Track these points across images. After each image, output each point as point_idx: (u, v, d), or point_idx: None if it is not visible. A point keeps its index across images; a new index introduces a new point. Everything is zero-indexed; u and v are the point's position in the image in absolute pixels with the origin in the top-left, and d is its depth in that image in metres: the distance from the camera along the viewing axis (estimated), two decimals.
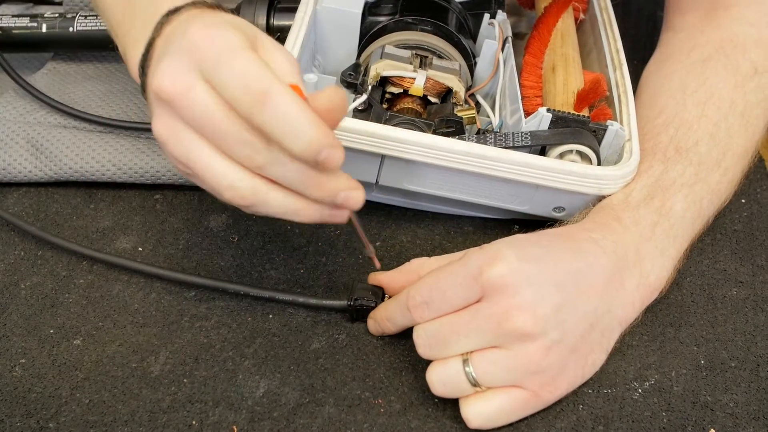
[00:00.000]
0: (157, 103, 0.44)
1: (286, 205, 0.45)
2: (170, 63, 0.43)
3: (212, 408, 0.50)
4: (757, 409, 0.52)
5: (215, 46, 0.42)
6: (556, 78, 0.62)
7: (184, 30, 0.44)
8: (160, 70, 0.43)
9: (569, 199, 0.58)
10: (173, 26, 0.47)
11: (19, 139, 0.66)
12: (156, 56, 0.47)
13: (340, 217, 0.47)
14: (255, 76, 0.41)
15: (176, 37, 0.45)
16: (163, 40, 0.47)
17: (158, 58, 0.46)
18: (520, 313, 0.46)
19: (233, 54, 0.42)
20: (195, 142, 0.44)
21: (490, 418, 0.48)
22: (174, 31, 0.47)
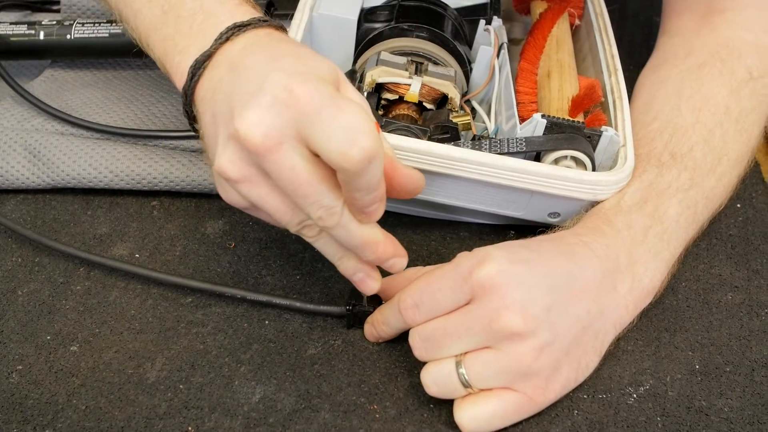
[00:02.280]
0: (235, 145, 0.44)
1: (333, 254, 0.50)
2: (263, 114, 0.42)
3: (208, 414, 0.51)
4: (752, 414, 0.52)
5: (315, 102, 0.41)
6: (551, 84, 0.62)
7: (269, 68, 0.43)
8: (250, 119, 0.42)
9: (564, 205, 0.58)
10: (240, 47, 0.47)
11: (16, 146, 0.66)
12: (224, 82, 0.45)
13: (372, 286, 0.51)
14: (363, 137, 0.41)
15: (255, 69, 0.44)
16: (227, 58, 0.47)
17: (239, 97, 0.43)
18: (509, 313, 0.46)
19: (334, 112, 0.41)
20: (270, 193, 0.45)
21: (484, 423, 0.48)
22: (244, 55, 0.46)
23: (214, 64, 0.47)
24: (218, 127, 0.45)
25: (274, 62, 0.44)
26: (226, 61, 0.47)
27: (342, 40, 0.66)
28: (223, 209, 0.65)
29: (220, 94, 0.45)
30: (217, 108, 0.45)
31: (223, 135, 0.45)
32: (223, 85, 0.46)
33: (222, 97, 0.45)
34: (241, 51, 0.47)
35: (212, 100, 0.46)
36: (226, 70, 0.46)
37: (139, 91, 0.74)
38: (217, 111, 0.45)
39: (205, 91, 0.47)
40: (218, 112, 0.45)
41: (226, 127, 0.44)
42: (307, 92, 0.41)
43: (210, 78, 0.47)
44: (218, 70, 0.47)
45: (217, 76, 0.47)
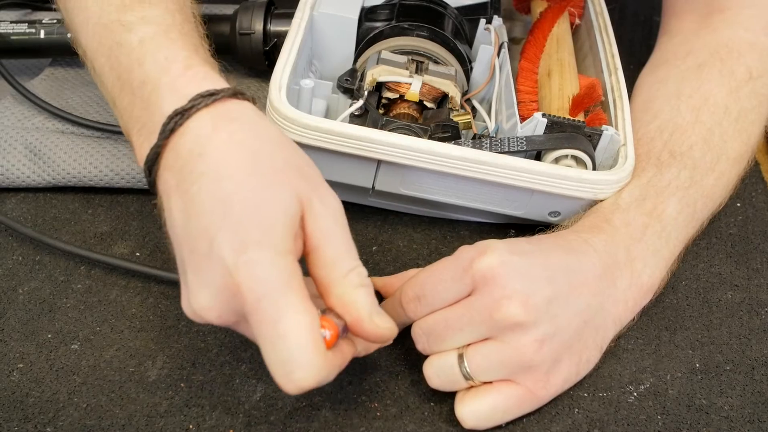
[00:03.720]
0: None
1: None
2: (213, 299, 0.41)
3: (209, 412, 0.51)
4: (752, 412, 0.52)
5: (257, 309, 0.40)
6: (552, 83, 0.62)
7: (216, 227, 0.41)
8: (201, 302, 0.41)
9: (565, 204, 0.58)
10: (185, 143, 0.43)
11: (17, 145, 0.66)
12: (174, 208, 0.43)
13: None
14: (299, 372, 0.40)
15: (201, 217, 0.41)
16: (176, 161, 0.43)
17: (190, 257, 0.42)
18: (510, 303, 0.46)
19: (271, 340, 0.40)
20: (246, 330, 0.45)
21: (485, 417, 0.48)
22: (190, 176, 0.42)
23: (164, 164, 0.44)
24: (177, 258, 0.44)
25: (221, 213, 0.41)
26: (176, 166, 0.44)
27: (343, 38, 0.66)
28: None
29: (174, 221, 0.43)
30: (173, 232, 0.44)
31: (182, 284, 0.44)
32: (174, 210, 0.43)
33: (175, 225, 0.43)
34: (188, 160, 0.43)
35: (169, 216, 0.44)
36: (175, 185, 0.43)
37: None
38: (174, 237, 0.44)
39: (162, 194, 0.45)
40: (175, 240, 0.44)
41: (184, 283, 0.44)
42: (252, 293, 0.40)
43: (163, 182, 0.45)
44: (169, 178, 0.44)
45: (169, 185, 0.44)
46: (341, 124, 0.54)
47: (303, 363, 0.40)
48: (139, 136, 0.47)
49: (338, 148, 0.54)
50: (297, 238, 0.42)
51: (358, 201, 0.63)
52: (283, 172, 0.43)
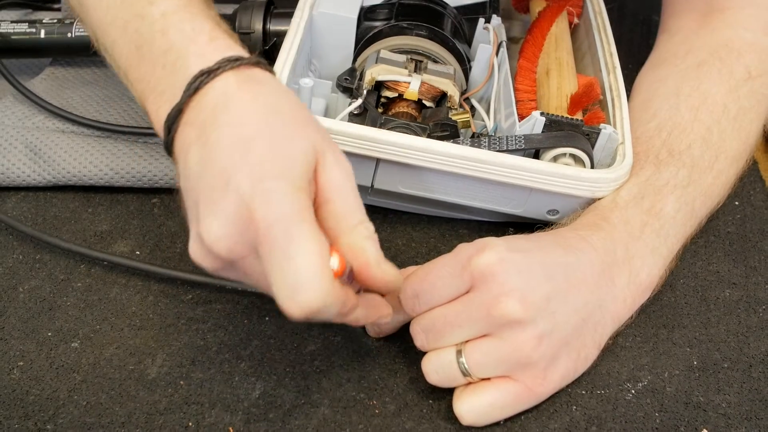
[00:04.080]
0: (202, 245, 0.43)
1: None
2: (225, 228, 0.41)
3: (209, 410, 0.51)
4: (749, 410, 0.52)
5: (270, 235, 0.40)
6: (550, 82, 0.62)
7: (235, 163, 0.41)
8: (214, 232, 0.41)
9: (563, 202, 0.58)
10: (211, 104, 0.44)
11: (17, 144, 0.66)
12: (193, 158, 0.43)
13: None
14: (303, 294, 0.40)
15: (221, 158, 0.42)
16: (198, 117, 0.44)
17: (204, 193, 0.42)
18: (508, 300, 0.47)
19: (281, 261, 0.40)
20: (245, 276, 0.44)
21: (483, 413, 0.49)
22: (212, 125, 0.43)
23: (186, 120, 0.45)
24: (189, 207, 0.44)
25: (241, 152, 0.42)
26: (197, 121, 0.44)
27: (342, 38, 0.66)
28: None
29: (189, 172, 0.44)
30: (188, 184, 0.44)
31: (193, 225, 0.43)
32: (191, 161, 0.44)
33: (191, 176, 0.43)
34: (211, 114, 0.44)
35: (184, 168, 0.44)
36: (195, 137, 0.44)
37: None
38: (188, 187, 0.44)
39: (179, 150, 0.46)
40: (188, 190, 0.44)
41: (195, 222, 0.43)
42: (265, 219, 0.40)
43: (182, 137, 0.45)
44: (189, 132, 0.45)
45: (189, 139, 0.44)
46: (340, 123, 0.54)
47: (309, 284, 0.39)
48: (158, 100, 0.47)
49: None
50: (311, 183, 0.43)
51: None
52: (303, 125, 0.44)
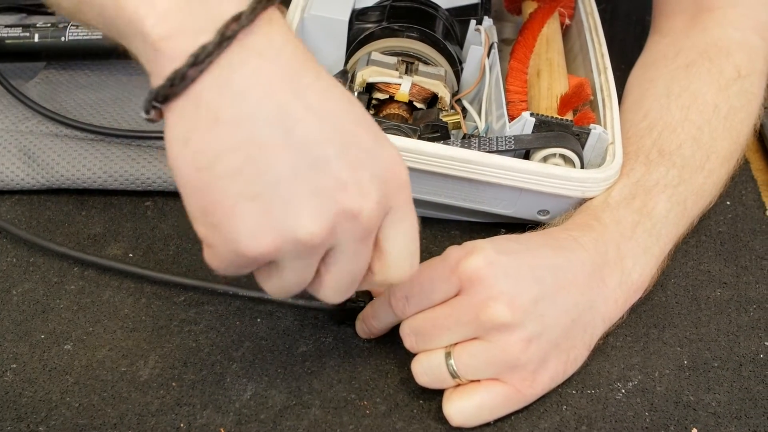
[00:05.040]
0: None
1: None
2: (323, 227, 0.37)
3: (200, 411, 0.51)
4: (739, 409, 0.52)
5: (402, 195, 0.40)
6: (541, 83, 0.62)
7: (336, 151, 0.37)
8: (310, 229, 0.37)
9: (553, 202, 0.58)
10: (274, 52, 0.37)
11: (11, 148, 0.66)
12: (262, 121, 0.36)
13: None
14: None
15: (318, 136, 0.37)
16: (257, 60, 0.37)
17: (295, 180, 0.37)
18: (496, 304, 0.47)
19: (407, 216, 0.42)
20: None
21: (472, 415, 0.49)
22: (293, 82, 0.37)
23: (234, 61, 0.36)
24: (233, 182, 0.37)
25: (343, 137, 0.38)
26: (218, 76, 0.36)
27: (333, 40, 0.66)
28: None
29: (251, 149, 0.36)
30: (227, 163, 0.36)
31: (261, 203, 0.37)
32: (260, 129, 0.36)
33: (248, 159, 0.36)
34: (286, 64, 0.37)
35: (222, 139, 0.36)
36: (260, 94, 0.36)
37: (133, 93, 0.74)
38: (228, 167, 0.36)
39: (208, 105, 0.36)
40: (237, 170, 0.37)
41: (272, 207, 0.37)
42: (365, 218, 0.38)
43: (224, 84, 0.36)
44: (242, 79, 0.36)
45: (246, 89, 0.36)
46: None
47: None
48: (161, 16, 0.36)
49: None
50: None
51: None
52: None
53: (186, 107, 0.36)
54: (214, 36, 0.35)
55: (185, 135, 0.37)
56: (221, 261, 0.39)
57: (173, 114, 0.37)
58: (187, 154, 0.37)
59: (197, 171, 0.36)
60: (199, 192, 0.37)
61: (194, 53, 0.35)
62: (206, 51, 0.35)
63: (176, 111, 0.37)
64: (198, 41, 0.35)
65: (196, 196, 0.37)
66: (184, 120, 0.37)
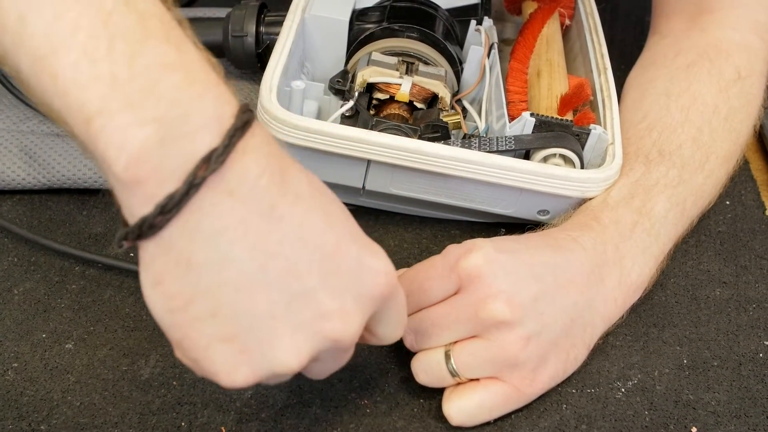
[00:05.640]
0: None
1: None
2: (296, 344, 0.37)
3: (201, 410, 0.51)
4: (739, 408, 0.52)
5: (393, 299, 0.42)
6: (541, 83, 0.62)
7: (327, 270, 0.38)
8: (289, 356, 0.37)
9: (553, 202, 0.58)
10: (201, 203, 0.35)
11: (12, 147, 0.67)
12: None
13: None
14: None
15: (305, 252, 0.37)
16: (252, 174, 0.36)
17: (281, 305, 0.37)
18: (495, 302, 0.47)
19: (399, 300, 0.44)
20: None
21: (472, 414, 0.49)
22: (288, 202, 0.37)
23: (204, 205, 0.35)
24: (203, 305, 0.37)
25: (323, 264, 0.37)
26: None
27: (334, 41, 0.67)
28: None
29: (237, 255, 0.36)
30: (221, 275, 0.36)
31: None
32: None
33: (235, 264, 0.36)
34: (260, 198, 0.36)
35: (225, 245, 0.36)
36: (256, 212, 0.36)
37: None
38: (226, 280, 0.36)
39: (179, 250, 0.36)
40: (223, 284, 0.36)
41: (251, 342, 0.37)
42: (348, 341, 0.39)
43: (194, 230, 0.35)
44: (212, 223, 0.35)
45: (235, 214, 0.35)
46: (330, 125, 0.55)
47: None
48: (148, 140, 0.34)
49: (328, 149, 0.55)
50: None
51: (349, 201, 0.64)
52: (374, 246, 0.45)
53: (156, 250, 0.36)
54: (181, 185, 0.34)
55: (157, 277, 0.36)
56: (200, 374, 0.40)
57: (145, 252, 0.36)
58: (159, 294, 0.36)
59: (170, 312, 0.36)
60: (173, 330, 0.37)
61: (160, 203, 0.34)
62: (173, 201, 0.34)
63: (147, 251, 0.36)
64: (166, 189, 0.34)
65: (170, 333, 0.38)
66: (155, 262, 0.36)
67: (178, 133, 0.34)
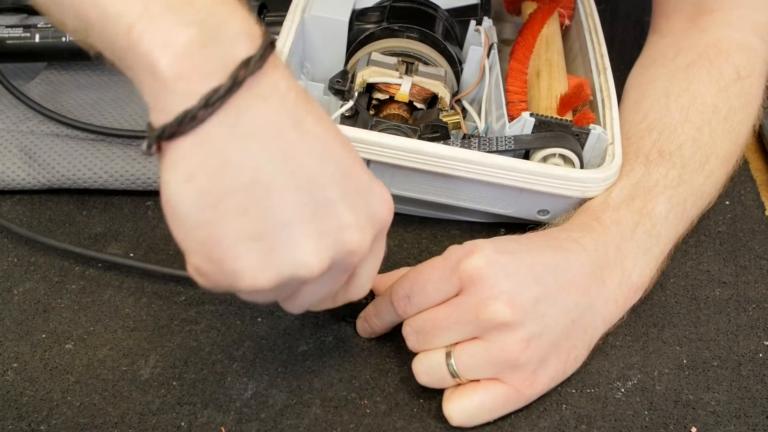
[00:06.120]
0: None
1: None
2: (320, 255, 0.39)
3: (201, 410, 0.51)
4: (738, 408, 0.52)
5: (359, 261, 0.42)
6: (541, 83, 0.62)
7: (342, 189, 0.39)
8: (309, 260, 0.38)
9: (553, 202, 0.58)
10: (239, 102, 0.37)
11: (12, 148, 0.67)
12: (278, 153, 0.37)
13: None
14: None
15: (323, 167, 0.39)
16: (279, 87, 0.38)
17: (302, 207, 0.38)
18: (496, 303, 0.47)
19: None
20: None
21: (472, 415, 0.49)
22: (302, 118, 0.39)
23: (241, 105, 0.37)
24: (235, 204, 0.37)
25: (344, 179, 0.40)
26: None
27: (334, 41, 0.67)
28: None
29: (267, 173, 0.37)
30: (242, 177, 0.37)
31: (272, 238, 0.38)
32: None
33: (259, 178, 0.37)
34: (290, 109, 0.38)
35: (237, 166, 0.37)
36: (291, 117, 0.38)
37: (134, 93, 0.74)
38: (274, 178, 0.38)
39: (216, 146, 0.37)
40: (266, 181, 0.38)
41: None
42: (361, 254, 0.41)
43: (232, 126, 0.37)
44: (249, 122, 0.37)
45: (284, 112, 0.38)
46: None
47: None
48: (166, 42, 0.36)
49: None
50: None
51: None
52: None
53: (192, 146, 0.37)
54: (226, 80, 0.36)
55: (189, 172, 0.37)
56: (212, 286, 0.40)
57: (175, 152, 0.37)
58: (189, 191, 0.37)
59: (199, 209, 0.37)
60: (199, 229, 0.37)
61: (206, 95, 0.35)
62: (218, 94, 0.36)
63: (180, 149, 0.37)
64: (210, 84, 0.36)
65: (195, 233, 0.38)
66: (188, 158, 0.37)
67: (218, 38, 0.36)
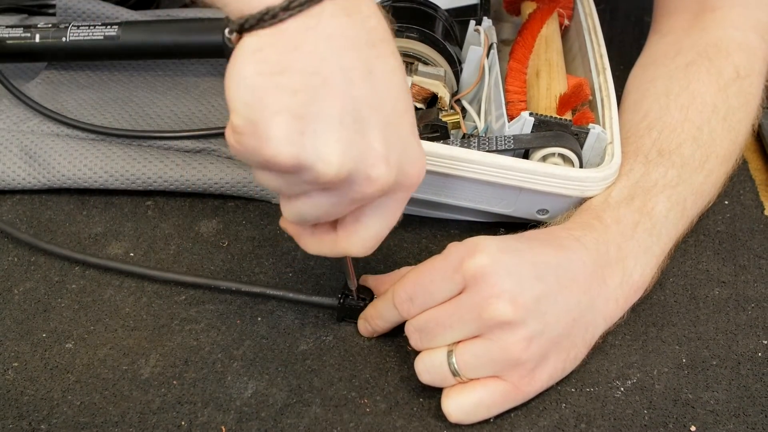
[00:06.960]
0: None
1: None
2: (345, 154, 0.40)
3: (201, 409, 0.51)
4: (738, 407, 0.52)
5: (374, 197, 0.43)
6: (540, 83, 0.63)
7: (396, 119, 0.42)
8: (335, 166, 0.40)
9: (552, 202, 0.58)
10: (323, 10, 0.40)
11: (12, 147, 0.67)
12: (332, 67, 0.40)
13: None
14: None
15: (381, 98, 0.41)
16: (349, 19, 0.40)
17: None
18: (498, 302, 0.47)
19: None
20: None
21: (470, 411, 0.49)
22: (377, 41, 0.41)
23: (324, 13, 0.40)
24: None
25: (389, 116, 0.42)
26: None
27: None
28: (217, 208, 0.66)
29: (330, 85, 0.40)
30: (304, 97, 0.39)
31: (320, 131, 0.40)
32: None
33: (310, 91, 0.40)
34: (368, 32, 0.41)
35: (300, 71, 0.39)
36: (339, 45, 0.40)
37: (134, 93, 0.74)
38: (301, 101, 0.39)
39: (292, 37, 0.39)
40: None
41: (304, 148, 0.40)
42: (377, 186, 0.42)
43: (310, 27, 0.39)
44: (327, 28, 0.40)
45: (325, 33, 0.40)
46: None
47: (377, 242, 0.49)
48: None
49: None
50: None
51: None
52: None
53: (270, 36, 0.39)
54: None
55: (260, 45, 0.39)
56: (240, 149, 0.41)
57: (252, 36, 0.39)
58: (254, 58, 0.39)
59: (258, 74, 0.39)
60: (251, 91, 0.39)
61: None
62: (299, 0, 0.39)
63: (257, 34, 0.39)
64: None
65: (246, 93, 0.39)
66: (262, 38, 0.39)
67: None
